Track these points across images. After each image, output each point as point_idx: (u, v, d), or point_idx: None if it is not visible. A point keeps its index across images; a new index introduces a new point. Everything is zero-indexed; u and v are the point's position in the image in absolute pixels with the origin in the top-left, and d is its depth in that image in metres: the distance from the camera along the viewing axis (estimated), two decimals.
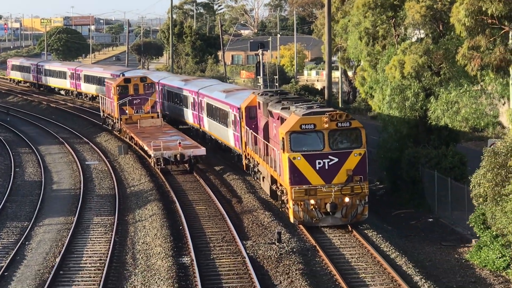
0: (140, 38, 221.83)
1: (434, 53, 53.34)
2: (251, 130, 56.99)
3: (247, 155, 59.80)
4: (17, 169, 70.08)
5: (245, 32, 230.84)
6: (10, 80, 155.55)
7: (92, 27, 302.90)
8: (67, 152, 78.15)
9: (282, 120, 48.23)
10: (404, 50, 53.75)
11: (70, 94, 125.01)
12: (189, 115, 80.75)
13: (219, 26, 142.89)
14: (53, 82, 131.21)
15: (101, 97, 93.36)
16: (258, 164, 55.66)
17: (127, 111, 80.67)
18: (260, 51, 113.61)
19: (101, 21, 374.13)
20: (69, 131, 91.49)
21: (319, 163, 45.48)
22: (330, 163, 45.50)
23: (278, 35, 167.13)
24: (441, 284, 37.33)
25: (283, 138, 45.59)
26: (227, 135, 66.90)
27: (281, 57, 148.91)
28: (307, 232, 45.42)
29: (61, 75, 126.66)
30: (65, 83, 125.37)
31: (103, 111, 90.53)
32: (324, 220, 45.72)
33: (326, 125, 45.19)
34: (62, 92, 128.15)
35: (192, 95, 78.88)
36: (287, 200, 46.81)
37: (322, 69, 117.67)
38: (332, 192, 45.32)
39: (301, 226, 46.15)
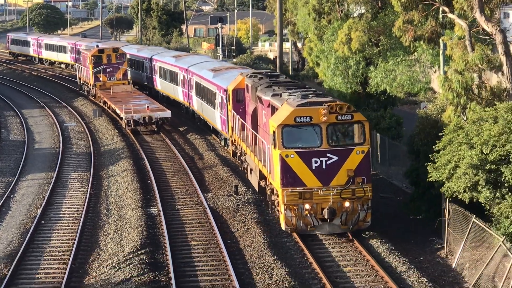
0: (113, 13, 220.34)
1: (375, 28, 53.65)
2: (238, 116, 47.36)
3: (233, 141, 50.17)
4: (3, 130, 69.63)
5: (206, 8, 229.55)
6: (10, 54, 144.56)
7: (70, 3, 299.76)
8: (47, 115, 77.67)
9: (273, 108, 38.36)
10: (350, 27, 53.92)
11: (71, 67, 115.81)
12: (180, 93, 71.47)
13: (183, 2, 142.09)
14: (53, 56, 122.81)
15: (77, 66, 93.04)
16: (246, 153, 46.05)
17: (101, 78, 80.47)
18: (219, 25, 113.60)
19: None
20: (49, 96, 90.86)
21: (316, 162, 35.78)
22: (328, 162, 35.87)
23: (235, 11, 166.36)
24: (377, 231, 37.42)
25: (274, 132, 35.90)
26: (214, 117, 57.80)
27: (238, 30, 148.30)
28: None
29: (61, 49, 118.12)
30: (65, 57, 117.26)
31: (80, 79, 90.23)
32: (320, 227, 36.22)
33: (324, 118, 35.53)
34: (63, 65, 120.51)
35: (182, 72, 69.55)
36: (278, 203, 37.11)
37: (274, 41, 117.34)
38: (330, 196, 35.63)
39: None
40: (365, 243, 35.85)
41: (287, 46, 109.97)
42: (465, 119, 39.22)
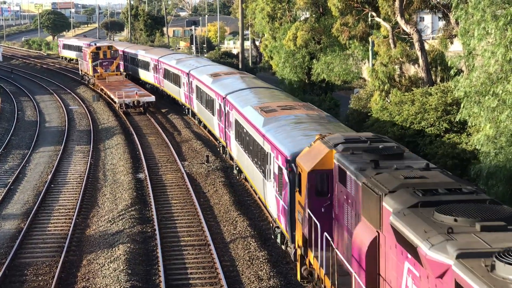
0: (108, 18, 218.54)
1: (317, 29, 53.83)
2: (326, 233, 19.63)
3: (318, 274, 21.35)
4: (19, 112, 68.97)
5: (182, 14, 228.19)
6: (62, 58, 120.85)
7: (72, 10, 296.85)
8: (55, 100, 77.01)
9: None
10: (297, 28, 54.07)
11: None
12: (215, 126, 46.24)
13: (164, 9, 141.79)
14: None
15: (79, 60, 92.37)
16: None
17: (98, 70, 79.87)
18: (193, 27, 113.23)
19: (79, 5, 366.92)
20: (56, 85, 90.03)
21: None
22: None
23: (206, 16, 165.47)
24: None
25: None
26: (265, 191, 30.10)
27: (208, 31, 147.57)
28: None
29: None
30: None
31: (81, 70, 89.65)
32: None
33: None
34: None
35: (219, 100, 43.67)
36: None
37: (238, 40, 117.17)
38: None
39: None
40: None
41: (247, 44, 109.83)
42: (388, 101, 39.43)
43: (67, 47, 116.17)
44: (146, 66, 76.88)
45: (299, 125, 29.25)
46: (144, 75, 78.48)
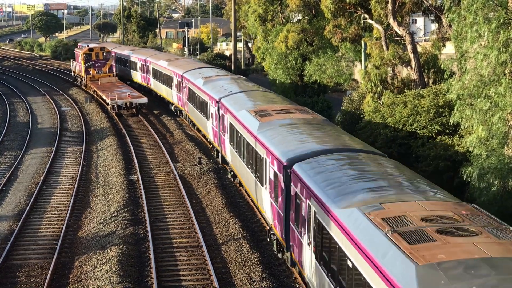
0: (100, 19, 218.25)
1: (309, 30, 53.96)
2: None
3: None
4: (11, 114, 68.77)
5: (175, 15, 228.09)
6: None
7: (65, 11, 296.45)
8: (47, 101, 76.83)
9: None
10: (288, 29, 54.18)
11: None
12: (264, 199, 28.92)
13: (157, 10, 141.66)
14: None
15: (72, 61, 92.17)
16: None
17: (91, 72, 79.62)
18: (186, 29, 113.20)
19: (72, 6, 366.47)
20: (49, 86, 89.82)
21: None
22: None
23: (199, 17, 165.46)
24: None
25: None
26: None
27: (201, 33, 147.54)
28: None
29: (133, 65, 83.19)
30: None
31: (74, 72, 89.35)
32: None
33: None
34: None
35: (275, 166, 25.93)
36: None
37: (230, 41, 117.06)
38: None
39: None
40: None
41: (240, 45, 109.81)
42: (381, 103, 39.49)
43: None
44: (168, 81, 62.77)
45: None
46: (166, 92, 64.66)
